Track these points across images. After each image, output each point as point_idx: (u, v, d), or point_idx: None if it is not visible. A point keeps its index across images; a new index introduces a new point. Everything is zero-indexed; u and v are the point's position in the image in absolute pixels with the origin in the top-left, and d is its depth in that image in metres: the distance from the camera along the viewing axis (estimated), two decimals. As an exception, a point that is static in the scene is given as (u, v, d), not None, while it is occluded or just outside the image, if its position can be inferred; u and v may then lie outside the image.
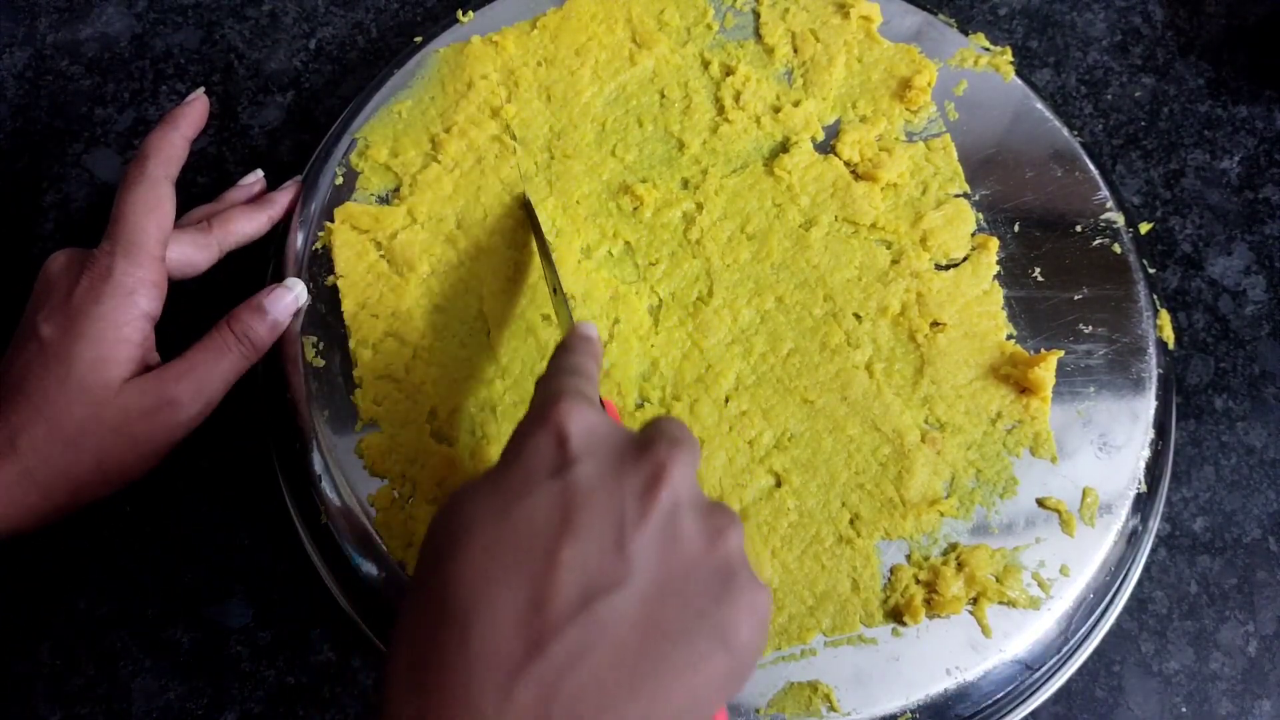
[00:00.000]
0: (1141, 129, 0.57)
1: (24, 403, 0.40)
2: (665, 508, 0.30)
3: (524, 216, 0.48)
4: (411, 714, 0.27)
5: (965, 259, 0.48)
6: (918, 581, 0.42)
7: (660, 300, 0.47)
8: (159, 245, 0.43)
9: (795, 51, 0.53)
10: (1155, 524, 0.46)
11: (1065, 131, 0.51)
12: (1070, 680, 0.44)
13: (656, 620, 0.28)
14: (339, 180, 0.50)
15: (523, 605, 0.27)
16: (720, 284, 0.47)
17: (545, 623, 0.27)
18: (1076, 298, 0.48)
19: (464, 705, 0.26)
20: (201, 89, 0.48)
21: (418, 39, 0.54)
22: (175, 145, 0.46)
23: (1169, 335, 0.48)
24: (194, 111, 0.47)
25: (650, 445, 0.31)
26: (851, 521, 0.43)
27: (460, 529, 0.29)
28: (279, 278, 0.47)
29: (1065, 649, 0.43)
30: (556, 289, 0.44)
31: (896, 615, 0.41)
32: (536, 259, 0.48)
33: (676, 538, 0.30)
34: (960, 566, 0.42)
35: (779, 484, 0.44)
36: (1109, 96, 0.57)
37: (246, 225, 0.48)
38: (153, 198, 0.43)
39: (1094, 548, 0.43)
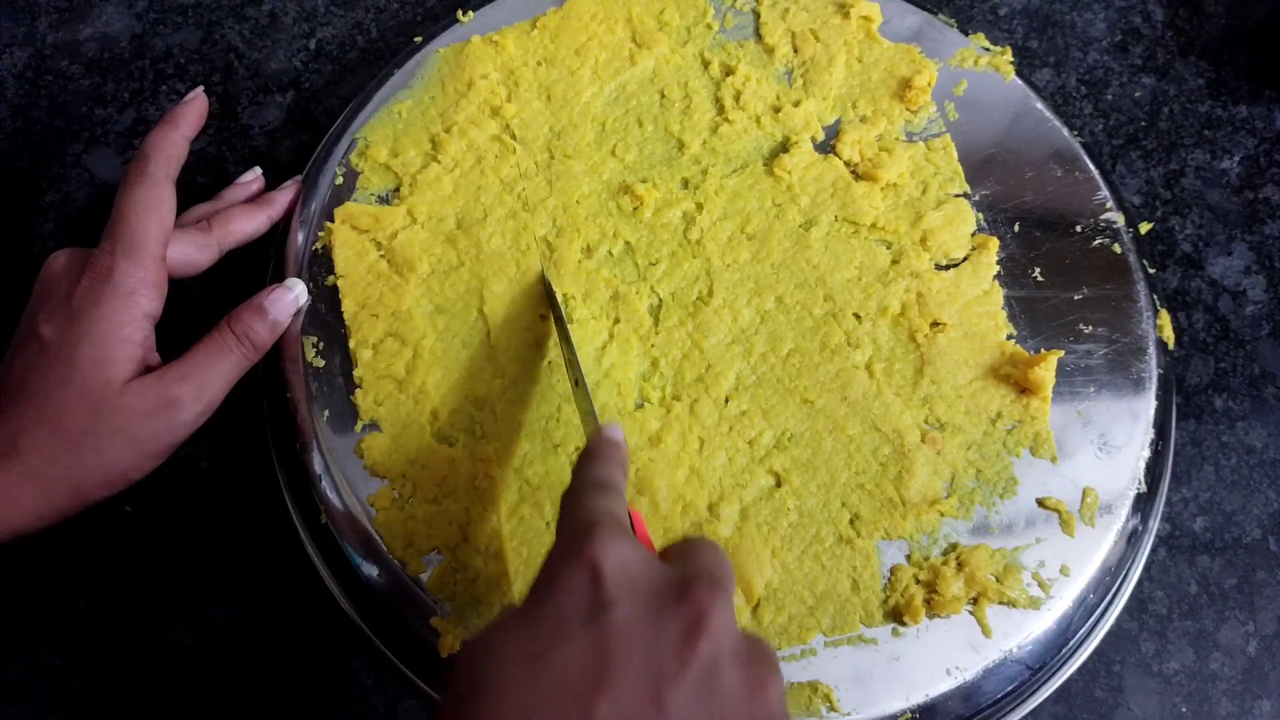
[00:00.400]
0: (1141, 129, 0.57)
1: (26, 403, 0.40)
2: (705, 659, 0.28)
3: (542, 292, 0.47)
4: None
5: (965, 259, 0.48)
6: (918, 581, 0.42)
7: (660, 300, 0.47)
8: (159, 245, 0.43)
9: (795, 51, 0.53)
10: (1155, 524, 0.46)
11: (1065, 131, 0.51)
12: (1070, 680, 0.44)
13: None
14: (339, 180, 0.50)
15: None
16: (720, 284, 0.47)
17: None
18: (1076, 298, 0.48)
19: None
20: (200, 88, 0.48)
21: (418, 39, 0.54)
22: (175, 145, 0.46)
23: (1169, 335, 0.48)
24: (193, 111, 0.47)
25: (689, 588, 0.30)
26: (851, 521, 0.43)
27: (490, 676, 0.28)
28: (279, 278, 0.47)
29: (1065, 649, 0.43)
30: (579, 381, 0.42)
31: (896, 615, 0.41)
32: (538, 258, 0.48)
33: (716, 691, 0.28)
34: (960, 566, 0.42)
35: (779, 484, 0.44)
36: (1109, 96, 0.57)
37: (246, 225, 0.48)
38: (154, 198, 0.43)
39: (1094, 548, 0.43)
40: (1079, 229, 0.49)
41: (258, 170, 0.52)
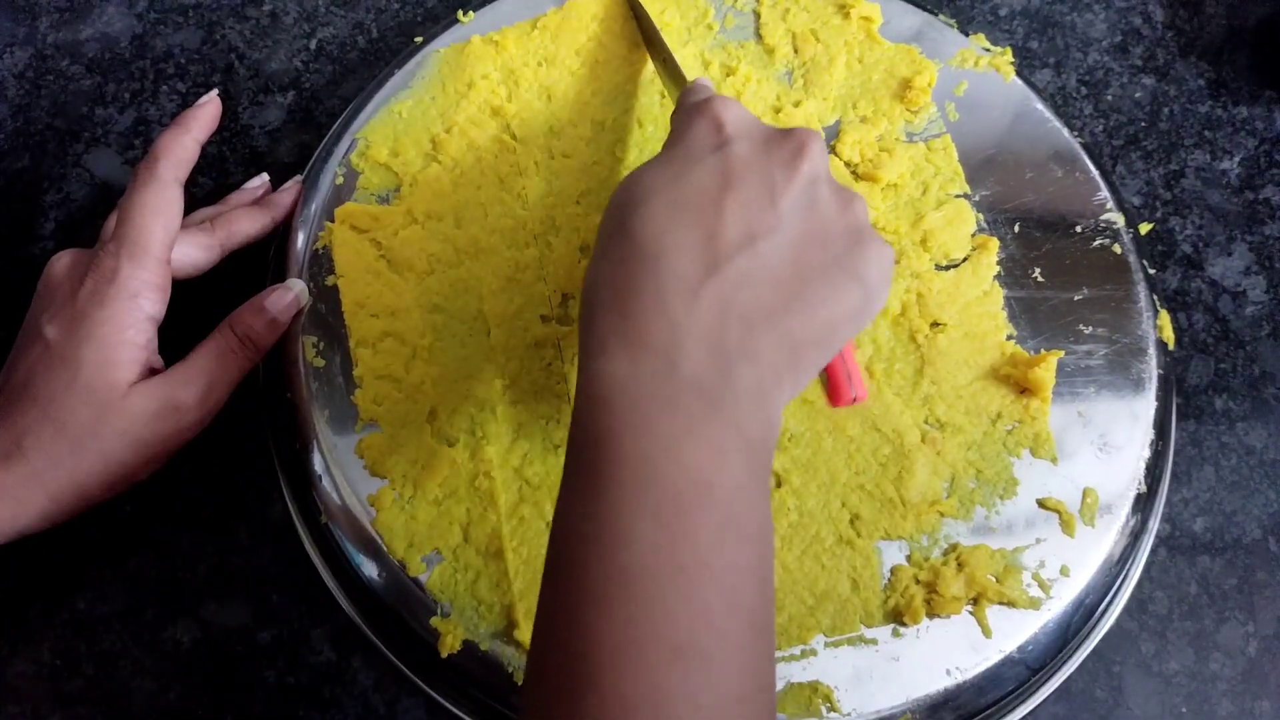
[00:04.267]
0: (1142, 130, 0.57)
1: (30, 405, 0.40)
2: (806, 176, 0.35)
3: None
4: (616, 322, 0.33)
5: (965, 259, 0.48)
6: (918, 582, 0.42)
7: (660, 300, 0.47)
8: (164, 248, 0.43)
9: (795, 52, 0.53)
10: (1155, 524, 0.46)
11: (1065, 132, 0.51)
12: (1070, 680, 0.44)
13: (804, 260, 0.34)
14: (339, 180, 0.50)
15: (700, 240, 0.33)
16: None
17: (718, 253, 0.33)
18: (1076, 298, 0.48)
19: (659, 310, 0.33)
20: (215, 91, 0.48)
21: (418, 39, 0.54)
22: (186, 148, 0.45)
23: (1169, 336, 0.48)
24: (206, 114, 0.47)
25: (791, 131, 0.37)
26: (851, 522, 0.43)
27: (641, 195, 0.35)
28: (280, 278, 0.47)
29: (1065, 649, 0.43)
30: (666, 59, 0.50)
31: (896, 615, 0.41)
32: (537, 256, 0.48)
33: (816, 200, 0.35)
34: (960, 567, 0.42)
35: (779, 484, 0.43)
36: (1109, 97, 0.57)
37: (248, 226, 0.48)
38: (161, 201, 0.43)
39: (1094, 548, 0.43)
40: (1079, 229, 0.49)
41: (264, 177, 0.52)
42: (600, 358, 0.33)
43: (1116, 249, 0.49)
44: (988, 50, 0.53)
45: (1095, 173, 0.51)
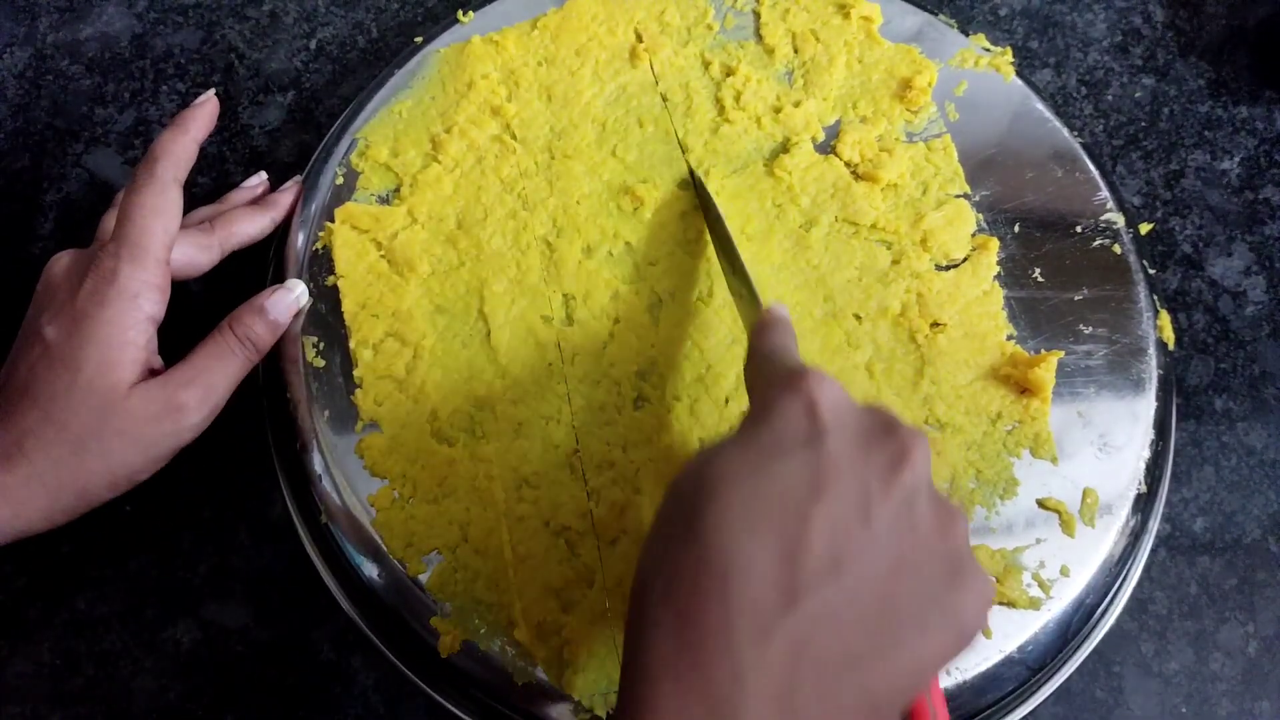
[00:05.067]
0: (1142, 129, 0.57)
1: (31, 406, 0.40)
2: (907, 488, 0.31)
3: (687, 197, 0.46)
4: (670, 651, 0.29)
5: (965, 259, 0.48)
6: (918, 582, 0.42)
7: (660, 300, 0.47)
8: (164, 249, 0.43)
9: (796, 52, 0.53)
10: (1155, 524, 0.46)
11: (1065, 132, 0.51)
12: (1070, 680, 0.44)
13: (894, 593, 0.30)
14: (339, 180, 0.50)
15: (778, 559, 0.29)
16: (720, 284, 0.47)
17: (799, 579, 0.29)
18: (1077, 298, 0.48)
19: (724, 647, 0.28)
20: (212, 91, 0.48)
21: (418, 39, 0.54)
22: (185, 148, 0.45)
23: (1169, 336, 0.48)
24: (204, 114, 0.47)
25: (894, 429, 0.32)
26: (852, 522, 0.43)
27: (715, 482, 0.31)
28: (280, 278, 0.47)
29: (1065, 649, 0.43)
30: (737, 269, 0.44)
31: (896, 615, 0.41)
32: (539, 258, 0.48)
33: (914, 520, 0.31)
34: (960, 567, 0.42)
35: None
36: (1109, 97, 0.58)
37: (248, 226, 0.48)
38: (161, 201, 0.43)
39: (1094, 548, 0.43)
40: (1079, 229, 0.49)
41: (263, 175, 0.52)
42: (645, 691, 0.29)
43: (1116, 249, 0.49)
44: (988, 50, 0.53)
45: (1095, 173, 0.51)
